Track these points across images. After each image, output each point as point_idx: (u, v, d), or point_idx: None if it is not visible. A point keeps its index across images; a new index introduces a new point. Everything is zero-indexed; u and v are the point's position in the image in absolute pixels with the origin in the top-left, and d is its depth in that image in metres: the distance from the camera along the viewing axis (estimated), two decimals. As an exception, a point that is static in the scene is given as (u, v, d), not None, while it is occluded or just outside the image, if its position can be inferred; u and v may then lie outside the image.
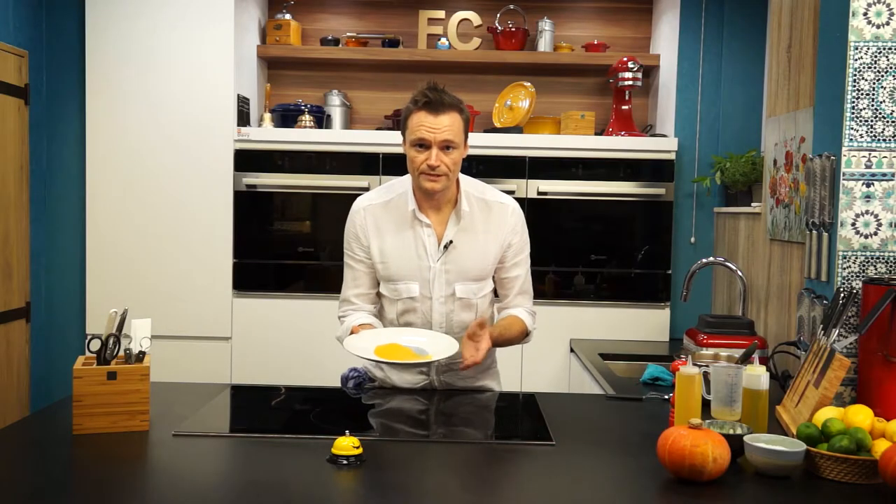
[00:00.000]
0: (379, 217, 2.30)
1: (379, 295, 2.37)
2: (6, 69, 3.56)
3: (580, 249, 3.74)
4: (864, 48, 2.18)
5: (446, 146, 2.17)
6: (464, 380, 2.37)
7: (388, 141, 3.64)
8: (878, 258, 2.21)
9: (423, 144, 2.17)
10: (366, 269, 2.33)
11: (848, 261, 2.21)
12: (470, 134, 3.73)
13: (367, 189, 3.50)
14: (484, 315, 2.34)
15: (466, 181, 2.33)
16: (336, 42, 4.00)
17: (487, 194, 2.34)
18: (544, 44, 3.99)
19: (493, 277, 2.39)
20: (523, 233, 2.37)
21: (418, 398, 2.32)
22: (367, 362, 2.42)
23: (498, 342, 2.30)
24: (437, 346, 2.16)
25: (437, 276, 2.28)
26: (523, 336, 2.38)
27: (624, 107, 3.83)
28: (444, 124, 2.16)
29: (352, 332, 2.24)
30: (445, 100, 2.17)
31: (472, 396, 2.36)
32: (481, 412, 2.29)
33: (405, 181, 2.32)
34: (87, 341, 2.35)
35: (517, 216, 2.35)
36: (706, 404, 1.97)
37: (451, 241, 2.27)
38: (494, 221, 2.31)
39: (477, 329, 2.16)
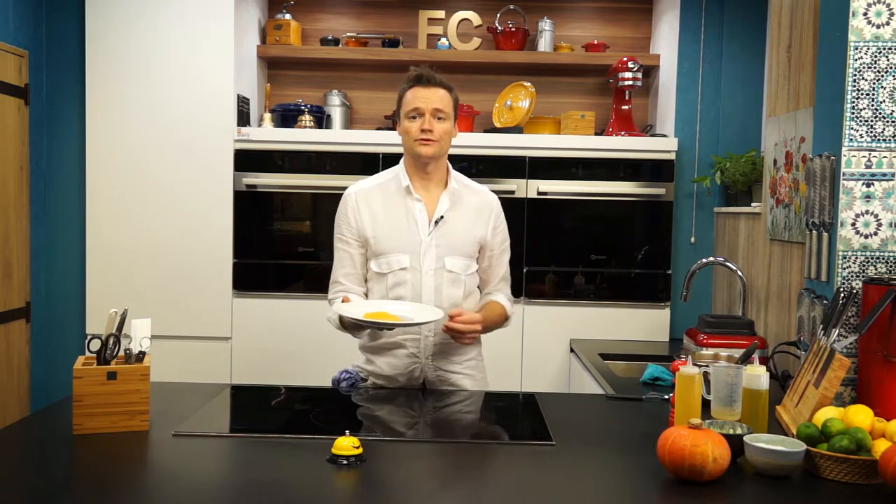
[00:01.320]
0: (371, 198, 2.41)
1: (367, 280, 2.43)
2: (6, 69, 3.56)
3: (580, 249, 3.74)
4: (864, 48, 2.18)
5: (438, 115, 2.33)
6: (451, 363, 2.42)
7: (388, 141, 3.64)
8: (878, 258, 2.21)
9: (416, 114, 2.33)
10: (353, 251, 2.41)
11: (848, 261, 2.21)
12: (470, 134, 3.77)
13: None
14: (471, 294, 2.45)
15: (453, 171, 2.47)
16: (336, 42, 4.00)
17: (471, 183, 2.50)
18: (544, 44, 3.99)
19: (478, 263, 2.47)
20: (505, 221, 2.52)
21: (418, 398, 2.32)
22: (357, 359, 2.49)
23: (485, 325, 2.37)
24: (423, 315, 2.23)
25: (427, 249, 2.36)
26: (503, 320, 2.49)
27: (624, 107, 3.83)
28: (436, 95, 2.34)
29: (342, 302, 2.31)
30: (436, 77, 2.35)
31: (473, 397, 2.37)
32: (481, 412, 2.29)
33: (396, 167, 2.45)
34: (87, 341, 2.35)
35: (499, 203, 2.50)
36: (706, 404, 1.97)
37: (442, 217, 2.37)
38: (481, 204, 2.45)
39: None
